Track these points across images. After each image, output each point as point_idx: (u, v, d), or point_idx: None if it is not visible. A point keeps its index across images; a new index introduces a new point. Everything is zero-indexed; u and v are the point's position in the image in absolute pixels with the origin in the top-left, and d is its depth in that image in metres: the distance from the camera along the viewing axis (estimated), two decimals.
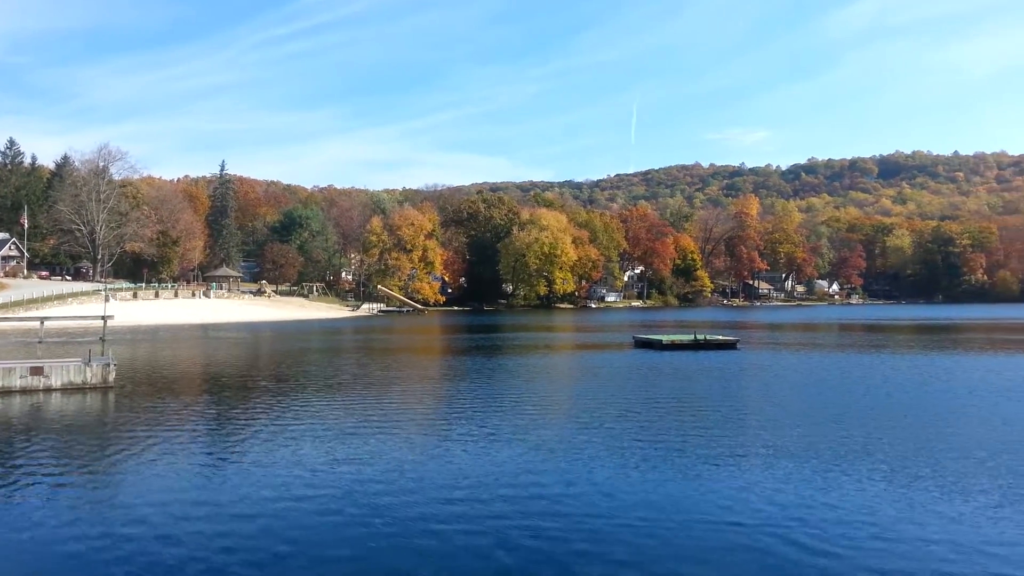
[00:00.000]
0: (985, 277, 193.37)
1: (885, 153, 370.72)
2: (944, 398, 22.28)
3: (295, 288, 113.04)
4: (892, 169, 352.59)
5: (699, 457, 14.34)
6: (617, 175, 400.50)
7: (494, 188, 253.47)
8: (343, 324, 74.53)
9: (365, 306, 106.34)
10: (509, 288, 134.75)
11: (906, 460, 14.14)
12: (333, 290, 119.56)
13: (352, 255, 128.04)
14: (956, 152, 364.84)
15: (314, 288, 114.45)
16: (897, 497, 11.78)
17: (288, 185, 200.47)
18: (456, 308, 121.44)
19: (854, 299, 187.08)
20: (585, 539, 9.89)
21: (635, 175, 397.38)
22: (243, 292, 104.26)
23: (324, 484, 12.41)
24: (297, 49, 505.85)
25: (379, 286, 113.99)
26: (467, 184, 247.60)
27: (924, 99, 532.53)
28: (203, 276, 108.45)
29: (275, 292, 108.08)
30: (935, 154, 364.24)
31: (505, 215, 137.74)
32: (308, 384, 25.55)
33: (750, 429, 17.43)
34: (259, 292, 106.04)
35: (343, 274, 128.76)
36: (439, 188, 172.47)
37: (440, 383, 27.35)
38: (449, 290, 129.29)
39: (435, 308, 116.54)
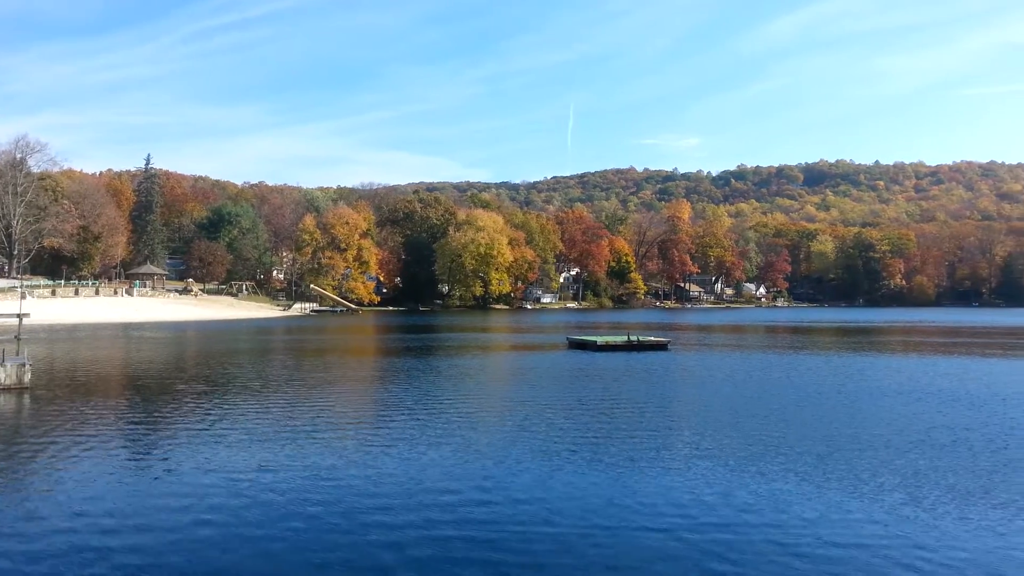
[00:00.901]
0: (903, 282, 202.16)
1: (810, 161, 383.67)
2: (860, 398, 23.00)
3: (223, 287, 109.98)
4: (817, 177, 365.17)
5: (626, 458, 14.30)
6: (554, 177, 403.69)
7: (431, 188, 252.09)
8: (274, 324, 72.83)
9: (297, 306, 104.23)
10: (445, 288, 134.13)
11: (821, 459, 14.43)
12: (264, 289, 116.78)
13: (284, 254, 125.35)
14: (877, 162, 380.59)
15: (244, 287, 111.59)
16: (809, 495, 11.99)
17: (217, 181, 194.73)
18: (391, 308, 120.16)
19: (780, 302, 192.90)
20: (507, 542, 9.70)
21: (571, 178, 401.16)
22: (168, 290, 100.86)
23: (243, 492, 11.78)
24: (227, 42, 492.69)
25: (312, 285, 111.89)
26: (403, 183, 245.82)
27: (847, 110, 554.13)
28: (126, 274, 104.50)
29: (202, 291, 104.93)
30: (857, 163, 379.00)
31: (442, 215, 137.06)
32: (233, 386, 24.76)
33: (677, 430, 17.61)
34: (185, 291, 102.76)
35: (274, 273, 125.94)
36: (375, 187, 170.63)
37: (371, 385, 26.90)
38: (384, 290, 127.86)
39: (370, 308, 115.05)
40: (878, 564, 9.09)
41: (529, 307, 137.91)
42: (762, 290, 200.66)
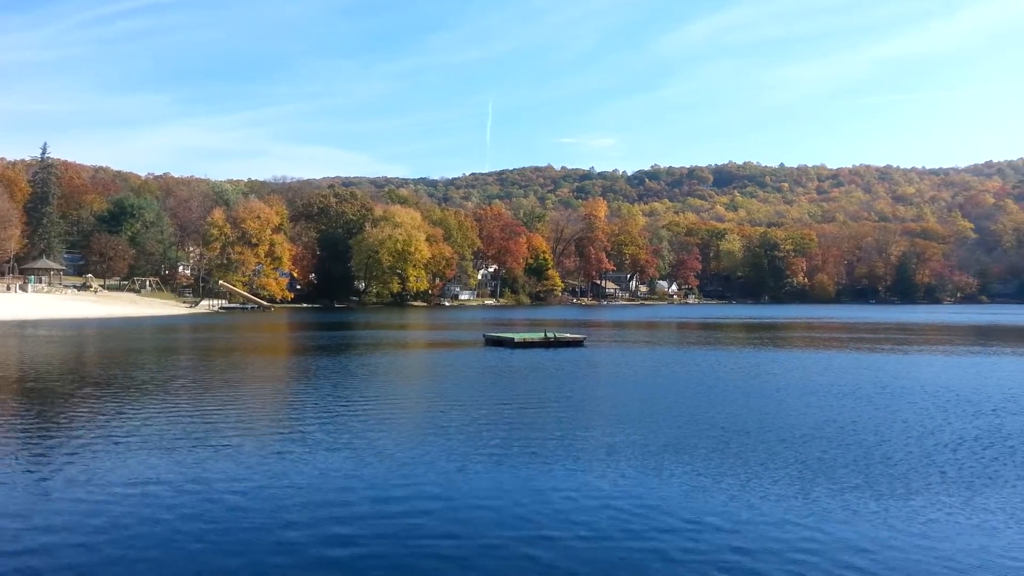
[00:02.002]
0: (805, 280, 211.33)
1: (720, 163, 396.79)
2: (763, 393, 23.77)
3: (125, 283, 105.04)
4: (726, 178, 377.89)
5: (534, 457, 14.28)
6: (472, 174, 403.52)
7: (347, 183, 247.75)
8: (180, 321, 69.99)
9: (205, 302, 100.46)
10: (362, 285, 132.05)
11: (721, 454, 14.84)
12: (169, 285, 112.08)
13: (191, 248, 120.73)
14: (782, 164, 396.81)
15: (147, 283, 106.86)
16: (708, 489, 12.31)
17: (119, 172, 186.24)
18: (305, 305, 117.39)
19: (691, 299, 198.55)
20: (404, 553, 9.55)
21: (490, 175, 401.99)
22: (66, 286, 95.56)
23: (130, 506, 11.08)
24: (131, 28, 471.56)
25: (221, 282, 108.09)
26: (318, 178, 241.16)
27: (755, 115, 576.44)
28: (20, 269, 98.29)
29: (102, 287, 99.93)
30: (764, 165, 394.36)
31: (358, 210, 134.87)
32: (133, 388, 23.58)
33: (587, 428, 17.76)
34: (84, 286, 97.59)
35: (180, 268, 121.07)
36: (288, 180, 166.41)
37: (279, 385, 26.13)
38: (298, 287, 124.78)
39: (282, 305, 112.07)
40: (765, 556, 9.34)
41: (447, 304, 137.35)
42: (674, 287, 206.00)
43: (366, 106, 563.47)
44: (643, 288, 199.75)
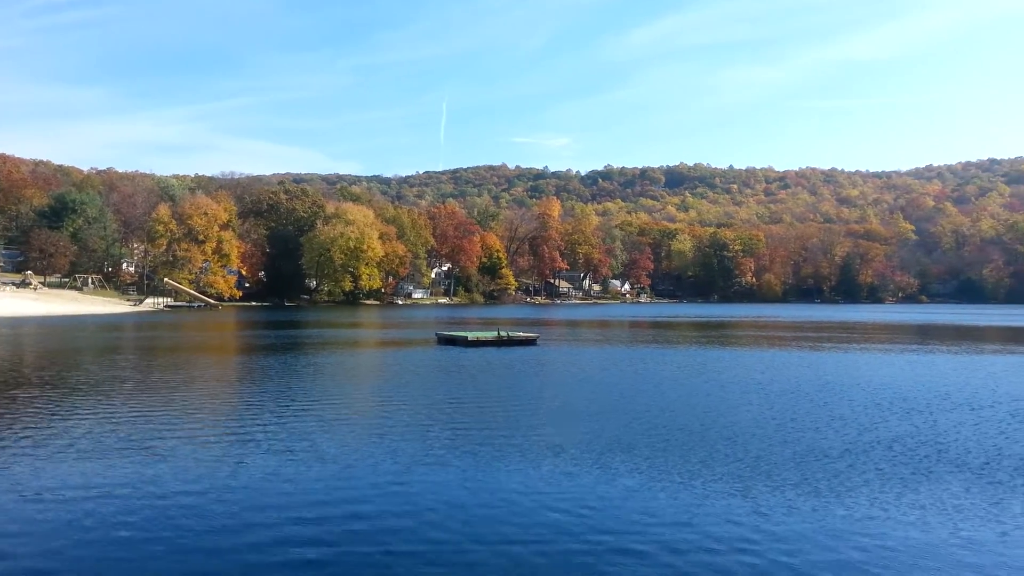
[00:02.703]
0: (754, 279, 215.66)
1: (671, 164, 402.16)
2: (708, 391, 24.16)
3: (67, 280, 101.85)
4: (677, 179, 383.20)
5: (480, 457, 14.30)
6: (426, 172, 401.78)
7: (298, 179, 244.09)
8: (123, 320, 68.12)
9: (149, 300, 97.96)
10: (313, 283, 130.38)
11: (667, 454, 15.04)
12: (112, 283, 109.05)
13: (135, 245, 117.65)
14: (731, 166, 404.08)
15: (90, 280, 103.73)
16: (654, 488, 12.47)
17: (60, 166, 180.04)
18: (254, 304, 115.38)
19: (643, 298, 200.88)
20: (357, 547, 9.52)
21: (444, 173, 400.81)
22: (4, 283, 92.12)
23: (59, 512, 10.72)
24: (76, 18, 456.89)
25: (166, 279, 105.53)
26: (268, 174, 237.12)
27: (705, 117, 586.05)
28: None
29: (42, 284, 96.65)
30: (714, 167, 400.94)
31: (309, 207, 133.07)
32: (70, 389, 22.90)
33: (535, 427, 17.82)
34: (23, 283, 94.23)
35: (124, 266, 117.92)
36: (236, 176, 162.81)
37: (227, 386, 25.64)
38: (246, 285, 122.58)
39: (230, 303, 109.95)
40: (703, 554, 9.50)
41: (400, 302, 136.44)
42: (627, 286, 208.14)
43: (318, 102, 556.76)
44: (596, 287, 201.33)
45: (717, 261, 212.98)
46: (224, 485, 12.21)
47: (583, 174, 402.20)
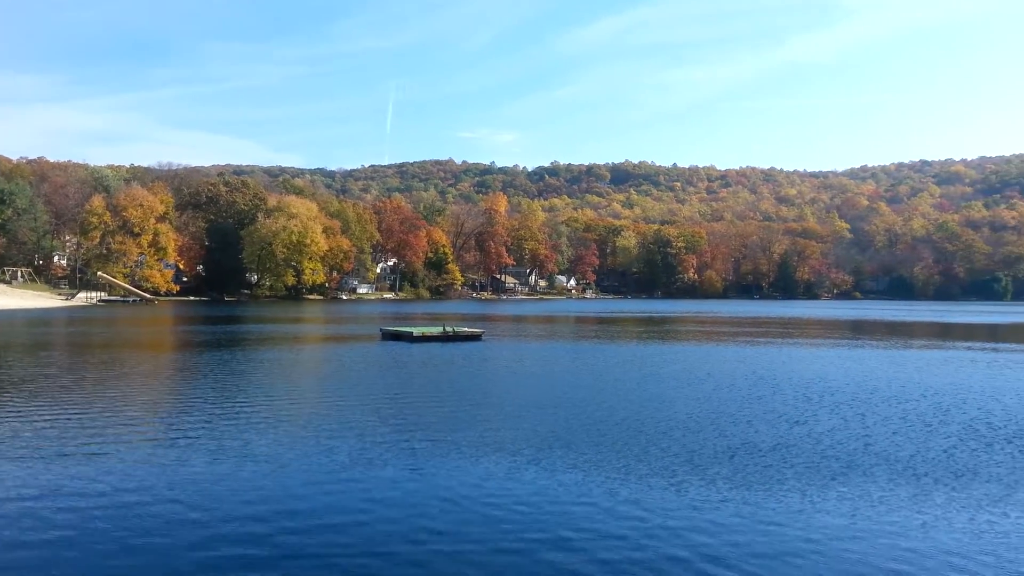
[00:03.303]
0: (696, 276, 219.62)
1: (617, 161, 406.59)
2: (647, 386, 24.53)
3: None
4: (622, 176, 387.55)
5: (420, 454, 14.26)
6: (372, 166, 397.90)
7: (238, 171, 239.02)
8: (54, 315, 65.65)
9: (82, 295, 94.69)
10: (254, 278, 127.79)
11: (602, 448, 15.20)
12: (43, 276, 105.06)
13: (67, 237, 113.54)
14: (675, 164, 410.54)
15: (19, 274, 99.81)
16: (589, 483, 12.60)
17: None
18: (192, 298, 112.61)
19: (589, 294, 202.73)
20: (288, 548, 9.37)
21: (390, 167, 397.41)
22: None
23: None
24: (2, 3, 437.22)
25: (100, 273, 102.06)
26: (207, 165, 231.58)
27: (649, 115, 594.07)
28: None
29: None
30: (658, 165, 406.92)
31: (250, 200, 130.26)
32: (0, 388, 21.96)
33: (478, 422, 17.84)
34: None
35: (56, 259, 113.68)
36: (174, 167, 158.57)
37: (160, 383, 24.96)
38: (184, 279, 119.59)
39: (167, 298, 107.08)
40: (635, 548, 9.64)
41: (344, 298, 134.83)
42: (572, 282, 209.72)
43: (260, 92, 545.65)
44: (542, 283, 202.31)
45: (661, 258, 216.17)
46: (152, 486, 11.85)
47: (530, 170, 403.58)
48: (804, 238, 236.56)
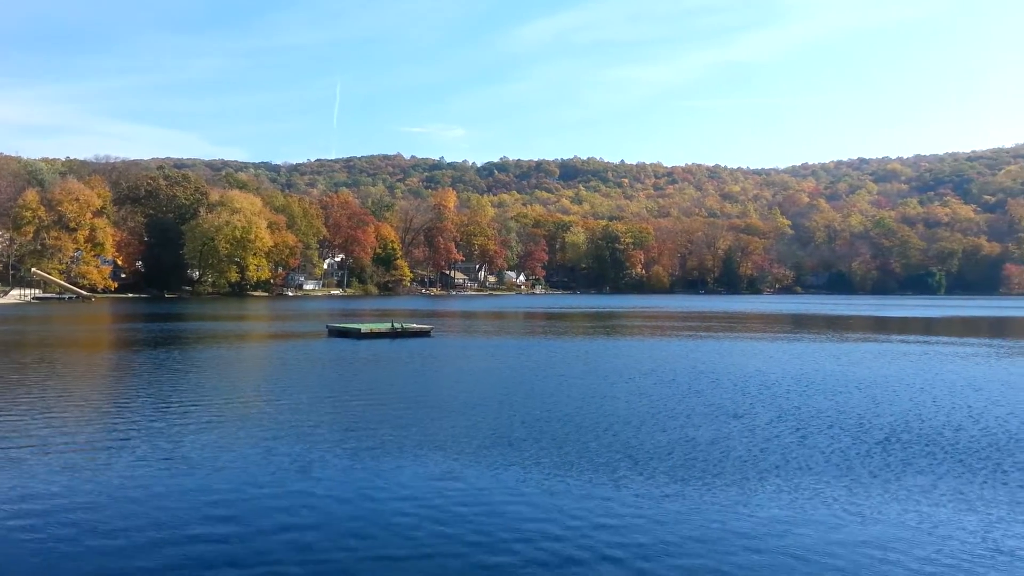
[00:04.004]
0: (643, 271, 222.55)
1: (566, 157, 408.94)
2: (591, 381, 24.71)
3: None
4: (571, 172, 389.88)
5: (359, 453, 14.09)
6: (318, 160, 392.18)
7: (179, 164, 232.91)
8: None
9: (15, 292, 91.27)
10: (196, 274, 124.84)
11: (541, 445, 15.22)
12: None
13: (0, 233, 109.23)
14: (623, 161, 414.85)
15: None
16: (529, 480, 12.59)
17: None
18: (131, 295, 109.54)
19: (538, 289, 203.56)
20: (224, 553, 9.13)
21: (337, 161, 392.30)
22: None
23: None
24: None
25: (34, 269, 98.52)
26: (146, 158, 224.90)
27: (598, 112, 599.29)
28: None
29: None
30: (606, 161, 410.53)
31: (191, 194, 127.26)
32: None
33: (423, 420, 17.69)
34: None
35: None
36: (112, 160, 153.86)
37: (94, 384, 24.15)
38: (123, 275, 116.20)
39: (105, 295, 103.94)
40: (571, 545, 9.69)
41: (290, 294, 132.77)
42: (522, 278, 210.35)
43: (202, 84, 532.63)
44: (492, 278, 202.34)
45: (609, 253, 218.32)
46: (73, 492, 11.40)
47: (479, 165, 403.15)
48: (747, 234, 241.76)
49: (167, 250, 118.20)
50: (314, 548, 9.25)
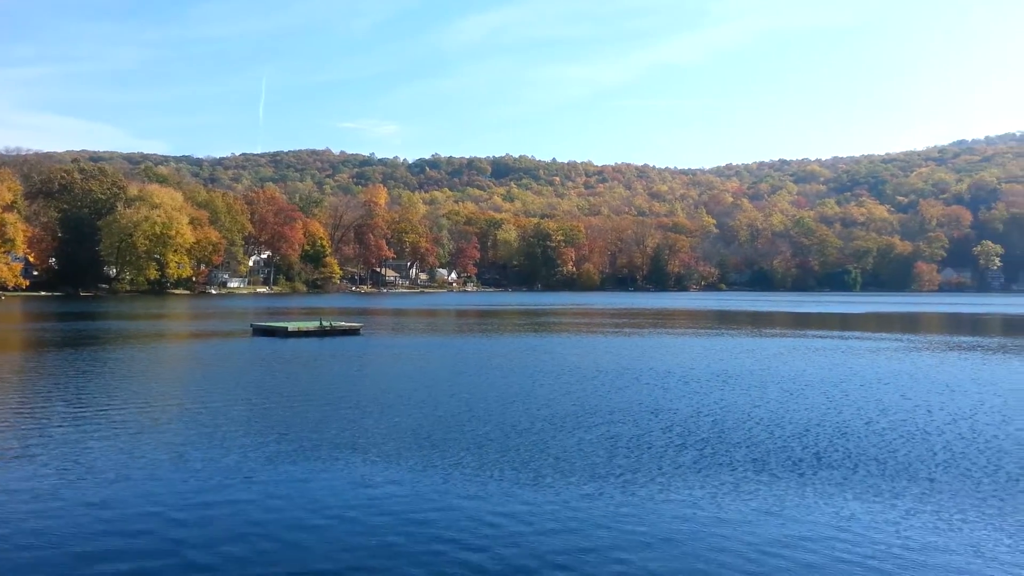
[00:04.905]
0: (574, 268, 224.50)
1: (498, 155, 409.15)
2: (519, 380, 24.77)
3: None
4: (503, 170, 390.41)
5: (286, 459, 13.80)
6: (243, 154, 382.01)
7: (96, 158, 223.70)
8: None
9: None
10: (113, 271, 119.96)
11: (461, 446, 15.18)
12: None
13: None
14: (554, 159, 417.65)
15: None
16: (451, 481, 12.56)
17: None
18: (44, 294, 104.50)
19: (470, 287, 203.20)
20: (132, 566, 8.76)
21: (263, 156, 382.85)
22: None
23: None
24: None
25: None
26: (60, 151, 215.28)
27: (530, 110, 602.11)
28: None
29: None
30: (538, 159, 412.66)
31: (108, 189, 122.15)
32: None
33: (343, 421, 17.40)
34: None
35: None
36: (24, 153, 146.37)
37: (2, 387, 22.88)
38: (35, 273, 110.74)
39: (15, 293, 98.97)
40: (490, 546, 9.68)
41: (214, 292, 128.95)
42: (454, 275, 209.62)
43: (119, 75, 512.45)
44: (423, 276, 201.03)
45: (540, 251, 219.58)
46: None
47: (411, 162, 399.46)
48: (675, 233, 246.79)
49: (82, 246, 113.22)
50: (219, 568, 8.87)
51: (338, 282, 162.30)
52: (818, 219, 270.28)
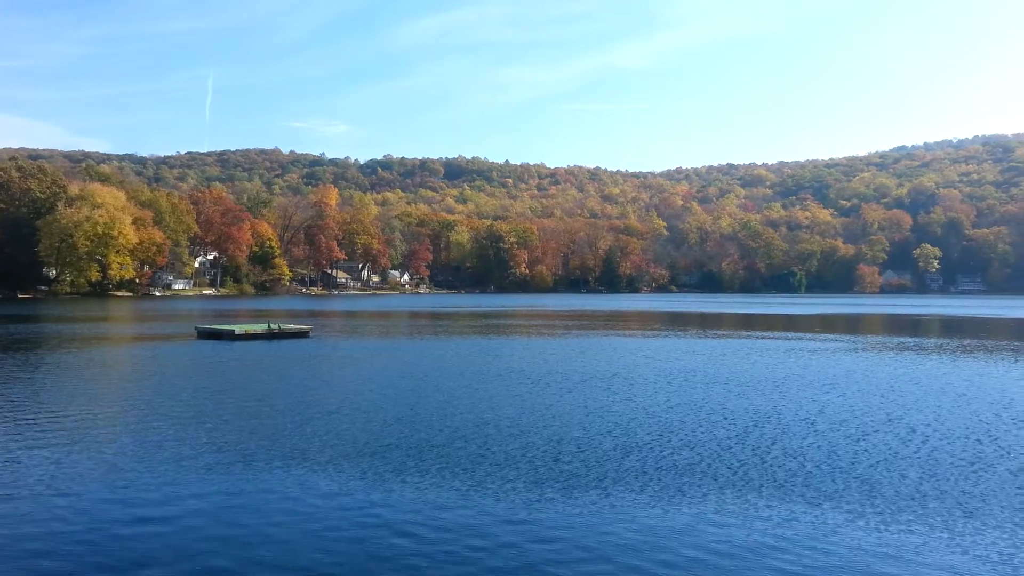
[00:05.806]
0: (527, 270, 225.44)
1: (451, 156, 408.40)
2: (466, 383, 24.64)
3: None
4: (456, 171, 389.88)
5: (222, 468, 13.47)
6: (188, 153, 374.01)
7: (34, 156, 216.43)
8: None
9: None
10: (52, 273, 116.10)
11: (406, 452, 14.98)
12: None
13: None
14: (507, 161, 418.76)
15: None
16: (392, 488, 12.41)
17: None
18: None
19: (423, 288, 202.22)
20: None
21: (209, 155, 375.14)
22: None
23: None
24: None
25: None
26: None
27: (483, 112, 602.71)
28: None
29: None
30: (491, 161, 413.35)
31: (48, 187, 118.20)
32: None
33: (287, 428, 17.05)
34: None
35: None
36: None
37: None
38: None
39: None
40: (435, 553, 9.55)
41: (158, 294, 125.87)
42: (406, 277, 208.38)
43: (59, 71, 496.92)
44: (375, 278, 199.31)
45: (493, 253, 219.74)
46: None
47: (362, 163, 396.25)
48: (627, 235, 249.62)
49: (20, 247, 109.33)
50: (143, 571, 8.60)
51: (288, 284, 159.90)
52: (765, 222, 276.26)
